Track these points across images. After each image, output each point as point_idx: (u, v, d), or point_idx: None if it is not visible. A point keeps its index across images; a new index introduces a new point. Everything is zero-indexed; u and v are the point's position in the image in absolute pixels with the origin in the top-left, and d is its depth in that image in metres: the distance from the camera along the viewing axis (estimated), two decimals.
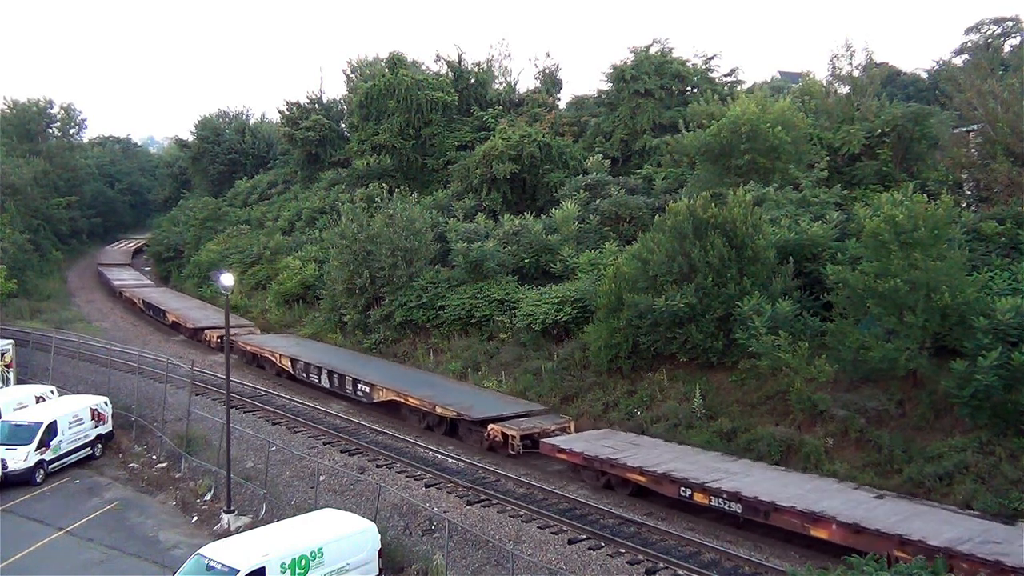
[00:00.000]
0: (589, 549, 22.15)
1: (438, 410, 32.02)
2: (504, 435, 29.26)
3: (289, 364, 40.64)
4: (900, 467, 24.10)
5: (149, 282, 72.56)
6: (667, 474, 24.14)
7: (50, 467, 29.43)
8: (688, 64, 55.72)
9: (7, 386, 36.93)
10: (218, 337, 46.83)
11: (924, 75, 64.16)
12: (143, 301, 61.07)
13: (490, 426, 29.91)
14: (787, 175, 37.88)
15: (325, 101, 79.48)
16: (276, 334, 48.73)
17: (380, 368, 38.59)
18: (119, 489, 28.68)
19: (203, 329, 49.78)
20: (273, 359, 42.13)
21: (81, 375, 40.65)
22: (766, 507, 21.77)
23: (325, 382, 38.15)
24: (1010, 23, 57.00)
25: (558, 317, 35.57)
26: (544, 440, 28.26)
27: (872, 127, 39.46)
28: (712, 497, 22.98)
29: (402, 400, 33.82)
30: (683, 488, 23.65)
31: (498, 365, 36.89)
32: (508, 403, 32.48)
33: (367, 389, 35.44)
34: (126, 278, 72.94)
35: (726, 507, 22.68)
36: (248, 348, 44.50)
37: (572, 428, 30.02)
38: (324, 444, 31.47)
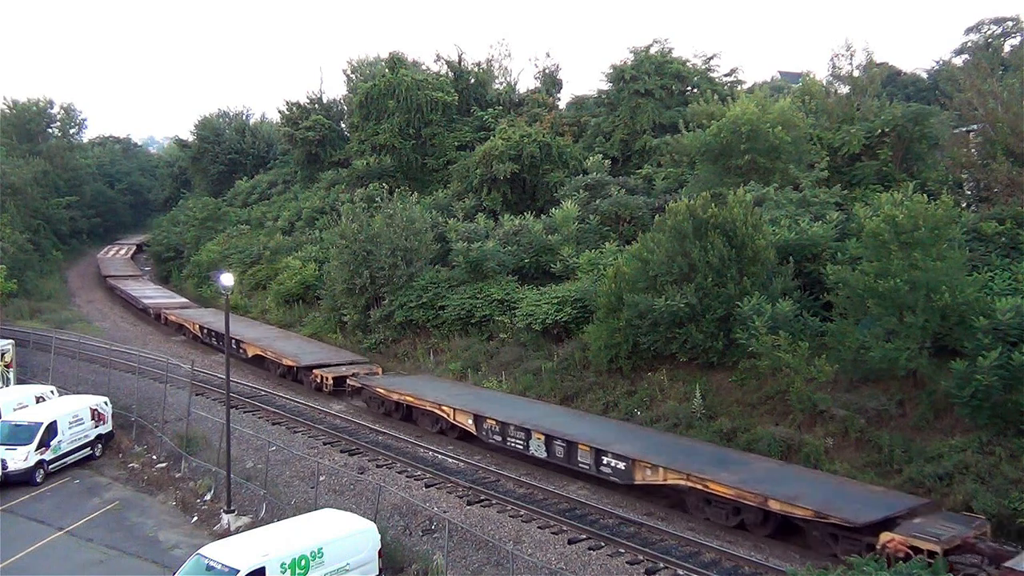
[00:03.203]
0: (589, 549, 22.13)
1: (772, 504, 21.98)
2: (913, 548, 19.35)
3: (471, 422, 30.46)
4: (900, 467, 24.09)
5: (184, 299, 61.61)
6: None
7: (50, 467, 29.40)
8: (688, 64, 55.77)
9: (7, 386, 36.90)
10: (334, 378, 37.94)
11: (924, 75, 64.20)
12: (202, 328, 49.33)
13: (885, 535, 20.01)
14: (787, 175, 37.88)
15: (325, 101, 79.55)
16: (417, 375, 38.61)
17: (623, 432, 28.34)
18: (119, 489, 28.67)
19: (310, 368, 39.32)
20: (443, 414, 31.81)
21: (81, 375, 40.62)
22: None
23: (538, 450, 27.88)
24: (1010, 23, 57.05)
25: (558, 317, 35.55)
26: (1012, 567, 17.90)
27: (872, 127, 39.44)
28: None
29: (697, 487, 23.62)
30: None
31: (498, 365, 36.89)
32: (870, 492, 22.54)
33: (621, 465, 25.45)
34: (154, 295, 63.64)
35: None
36: (395, 396, 34.07)
37: (988, 531, 20.57)
38: (324, 444, 31.44)
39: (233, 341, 44.32)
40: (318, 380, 38.49)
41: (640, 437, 27.59)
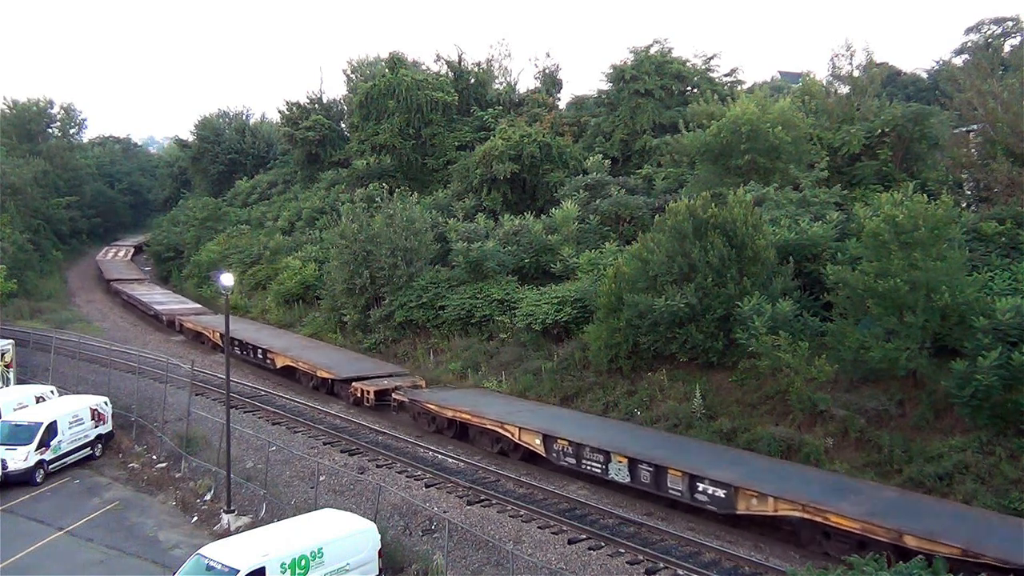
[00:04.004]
0: (589, 549, 22.13)
1: (908, 540, 19.34)
2: None
3: (539, 443, 28.02)
4: (900, 467, 24.10)
5: (197, 305, 58.67)
6: None
7: (50, 467, 29.38)
8: (688, 64, 55.84)
9: (7, 386, 36.89)
10: (376, 392, 35.45)
11: (924, 75, 64.31)
12: (223, 336, 43.05)
13: None
14: (787, 175, 37.89)
15: (325, 101, 79.66)
16: (467, 389, 36.03)
17: (714, 455, 25.76)
18: (119, 489, 28.65)
19: (349, 381, 36.98)
20: (506, 433, 29.22)
21: (81, 375, 40.60)
22: None
23: (619, 474, 25.41)
24: (1010, 23, 57.14)
25: (558, 317, 35.54)
26: None
27: (872, 127, 39.47)
28: None
29: (815, 519, 21.06)
30: None
31: (498, 365, 36.89)
32: (1012, 524, 20.22)
33: (720, 493, 22.88)
34: (165, 300, 61.03)
35: None
36: (449, 413, 31.84)
37: None
38: (324, 444, 31.44)
39: (260, 351, 43.23)
40: (358, 394, 36.02)
41: (738, 462, 24.85)
